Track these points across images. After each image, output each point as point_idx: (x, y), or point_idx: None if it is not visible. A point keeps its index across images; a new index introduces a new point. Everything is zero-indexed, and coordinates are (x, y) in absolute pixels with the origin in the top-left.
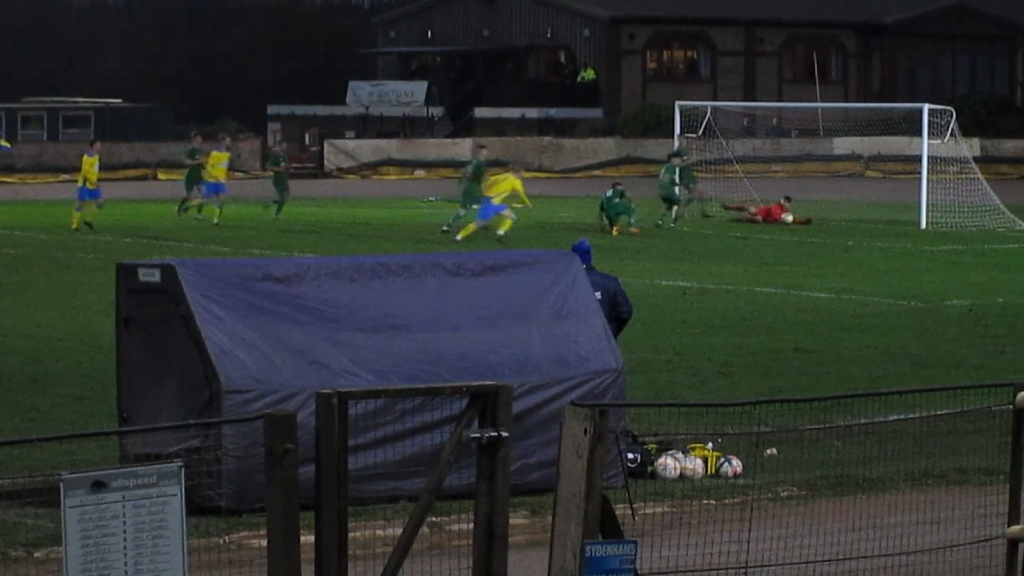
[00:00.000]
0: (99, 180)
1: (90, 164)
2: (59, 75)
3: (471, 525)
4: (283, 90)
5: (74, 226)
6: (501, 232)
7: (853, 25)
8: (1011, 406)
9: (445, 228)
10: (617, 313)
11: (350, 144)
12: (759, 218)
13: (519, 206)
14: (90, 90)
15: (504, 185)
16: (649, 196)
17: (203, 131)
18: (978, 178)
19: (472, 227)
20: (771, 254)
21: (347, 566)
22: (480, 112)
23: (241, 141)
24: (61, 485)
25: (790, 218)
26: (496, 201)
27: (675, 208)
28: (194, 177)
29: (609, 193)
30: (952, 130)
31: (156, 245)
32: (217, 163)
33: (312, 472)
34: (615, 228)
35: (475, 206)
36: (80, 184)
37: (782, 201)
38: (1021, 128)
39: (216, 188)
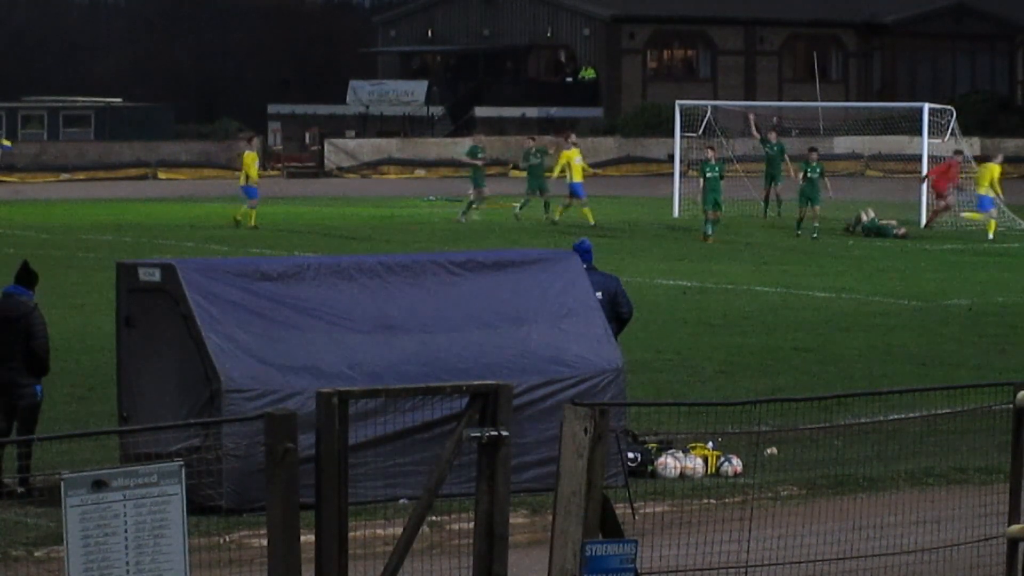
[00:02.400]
0: (88, 179)
1: (251, 160)
2: (59, 75)
3: (471, 524)
4: (283, 90)
5: (252, 223)
6: (991, 236)
7: (853, 24)
8: (1011, 405)
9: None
10: (617, 313)
11: (350, 143)
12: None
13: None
14: (90, 90)
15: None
16: (648, 195)
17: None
18: None
19: (978, 216)
20: (771, 253)
21: (347, 565)
22: (480, 111)
23: (240, 140)
24: (62, 484)
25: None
26: (985, 193)
27: (816, 208)
28: (480, 176)
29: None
30: (952, 129)
31: (156, 244)
32: (570, 160)
33: (312, 471)
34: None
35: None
36: (242, 182)
37: (953, 156)
38: (1021, 127)
39: (576, 189)
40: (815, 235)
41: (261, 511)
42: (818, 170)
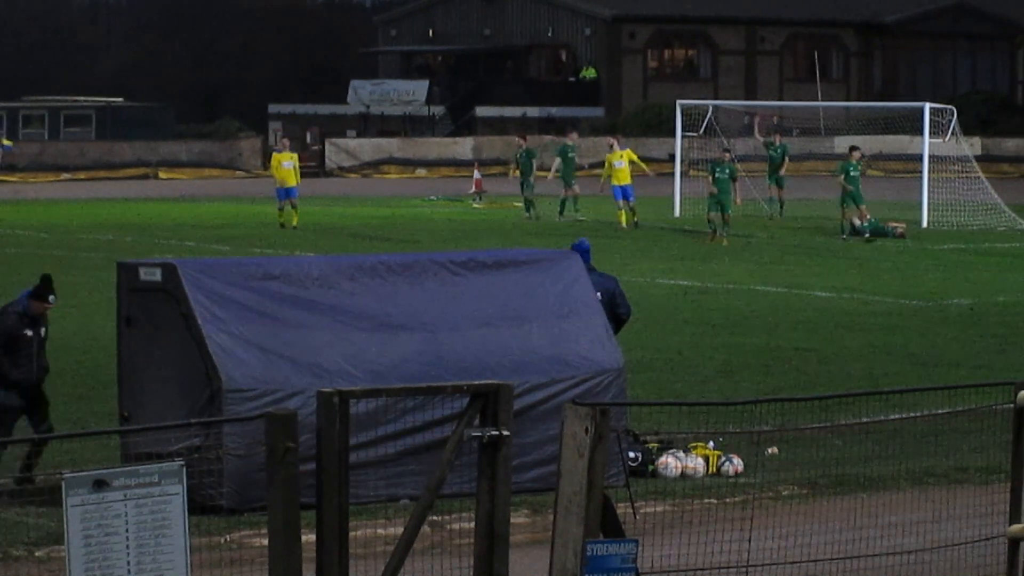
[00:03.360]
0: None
1: (277, 162)
2: (59, 75)
3: (472, 524)
4: (284, 89)
5: (281, 222)
6: None
7: (854, 24)
8: (1012, 405)
9: None
10: (616, 314)
11: (351, 143)
12: None
13: None
14: (90, 89)
15: None
16: (651, 195)
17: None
18: (979, 177)
19: None
20: (772, 253)
21: (348, 565)
22: (481, 111)
23: (241, 140)
24: (63, 484)
25: None
26: None
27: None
28: (568, 174)
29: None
30: (953, 129)
31: (157, 244)
32: (610, 162)
33: (313, 471)
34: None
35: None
36: (279, 185)
37: None
38: (1022, 127)
39: (624, 192)
40: (845, 236)
41: (262, 511)
42: (859, 168)
